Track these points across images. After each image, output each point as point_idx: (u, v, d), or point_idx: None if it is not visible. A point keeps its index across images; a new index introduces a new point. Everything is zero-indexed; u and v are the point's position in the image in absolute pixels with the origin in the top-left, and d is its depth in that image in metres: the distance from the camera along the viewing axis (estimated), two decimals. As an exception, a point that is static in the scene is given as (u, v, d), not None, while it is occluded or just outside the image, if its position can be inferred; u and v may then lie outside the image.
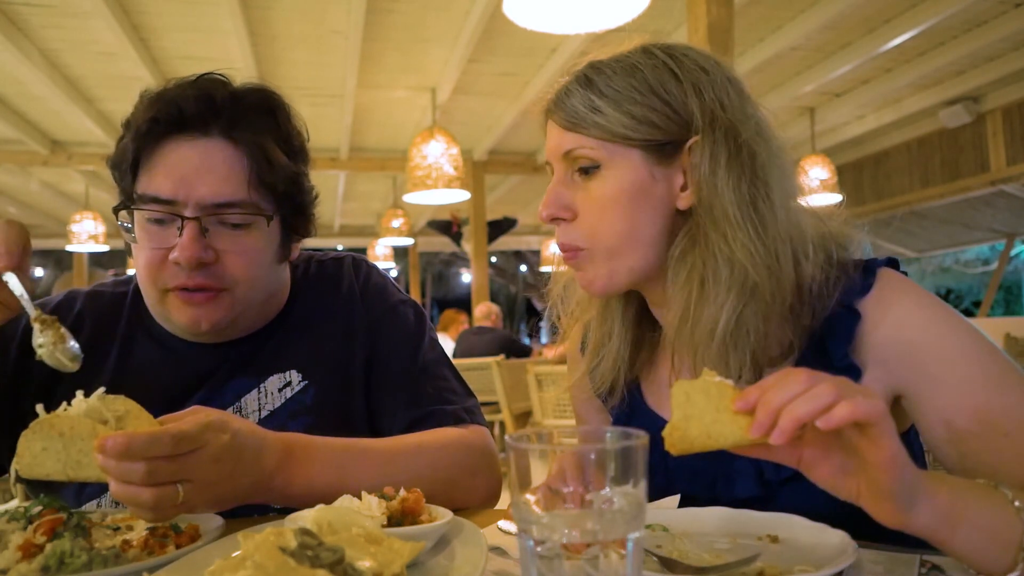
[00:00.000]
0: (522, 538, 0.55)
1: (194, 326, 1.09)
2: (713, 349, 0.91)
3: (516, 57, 5.13)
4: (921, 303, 0.89)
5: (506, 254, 19.04)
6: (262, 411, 1.16)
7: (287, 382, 1.18)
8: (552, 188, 0.99)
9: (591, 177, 0.96)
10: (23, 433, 0.81)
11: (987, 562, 0.70)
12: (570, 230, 0.98)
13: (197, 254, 1.04)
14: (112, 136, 6.38)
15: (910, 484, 0.66)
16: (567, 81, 1.00)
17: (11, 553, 0.74)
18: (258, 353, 1.19)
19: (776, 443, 0.64)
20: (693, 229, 0.94)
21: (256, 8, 4.27)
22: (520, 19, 2.72)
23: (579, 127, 0.95)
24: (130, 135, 1.10)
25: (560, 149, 0.98)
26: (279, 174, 1.11)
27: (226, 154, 1.08)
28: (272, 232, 1.13)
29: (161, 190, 1.06)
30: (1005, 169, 6.34)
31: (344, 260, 1.31)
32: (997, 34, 4.86)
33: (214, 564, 0.55)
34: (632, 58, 0.96)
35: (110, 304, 1.23)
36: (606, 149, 0.94)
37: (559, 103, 0.99)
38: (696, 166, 0.93)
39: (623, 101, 0.94)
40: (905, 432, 0.98)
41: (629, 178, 0.94)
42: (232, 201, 1.07)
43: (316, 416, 1.16)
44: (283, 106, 1.17)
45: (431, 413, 1.17)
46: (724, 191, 0.91)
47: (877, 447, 0.63)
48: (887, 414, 0.63)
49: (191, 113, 1.07)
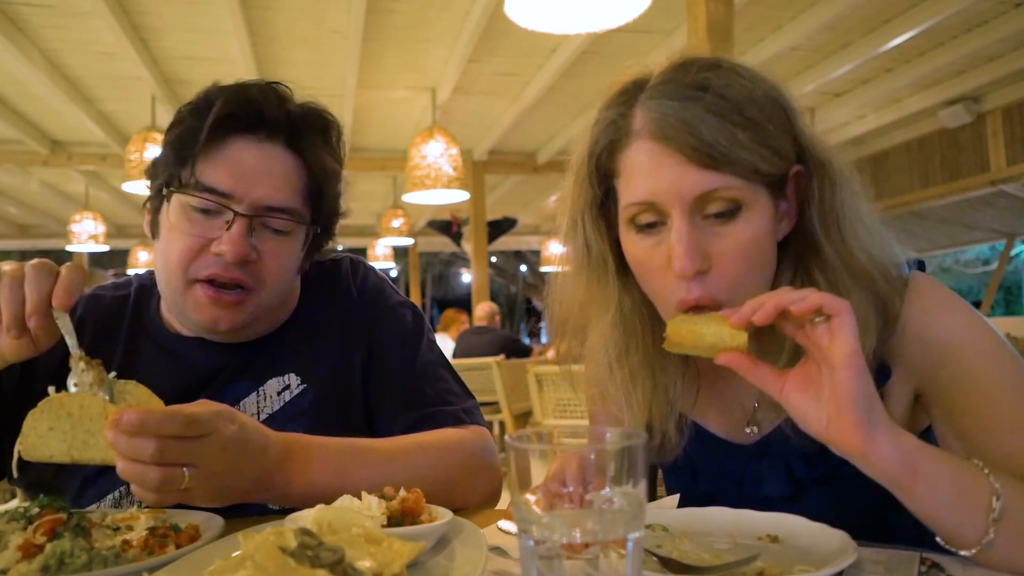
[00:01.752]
0: (522, 538, 0.55)
1: (212, 325, 1.10)
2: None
3: (516, 57, 5.13)
4: (947, 306, 0.91)
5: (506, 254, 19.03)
6: (260, 414, 1.16)
7: (286, 385, 1.18)
8: (689, 237, 0.83)
9: (729, 221, 0.84)
10: (30, 412, 0.82)
11: (956, 524, 0.71)
12: (709, 283, 0.85)
13: (244, 251, 1.06)
14: (112, 136, 6.39)
15: (870, 396, 0.71)
16: (676, 105, 0.84)
17: (11, 553, 0.74)
18: (257, 356, 1.20)
19: (758, 322, 0.72)
20: (796, 257, 0.91)
21: (256, 8, 4.27)
22: (520, 19, 2.72)
23: (720, 163, 0.81)
24: (200, 122, 1.08)
25: (693, 190, 0.83)
26: (329, 192, 1.17)
27: (287, 162, 1.12)
28: (302, 243, 1.16)
29: (221, 183, 1.07)
30: (1005, 169, 6.33)
31: (342, 262, 1.32)
32: (997, 34, 4.86)
33: (214, 564, 0.55)
34: (737, 80, 0.86)
35: (111, 308, 1.23)
36: (749, 188, 0.84)
37: (687, 131, 0.82)
38: (807, 192, 0.88)
39: (762, 132, 0.84)
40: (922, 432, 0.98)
41: (766, 217, 0.86)
42: (284, 207, 1.10)
43: (314, 419, 1.16)
44: (336, 126, 1.21)
45: (430, 415, 1.17)
46: (843, 208, 0.88)
47: (839, 340, 0.70)
48: (850, 311, 0.71)
49: (268, 116, 1.10)
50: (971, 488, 0.71)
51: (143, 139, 5.17)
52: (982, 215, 7.71)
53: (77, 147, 6.96)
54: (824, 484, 0.93)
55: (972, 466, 0.74)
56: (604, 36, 4.30)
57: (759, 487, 0.97)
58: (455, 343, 7.01)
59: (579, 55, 4.86)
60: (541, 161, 7.75)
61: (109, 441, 0.79)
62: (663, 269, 0.87)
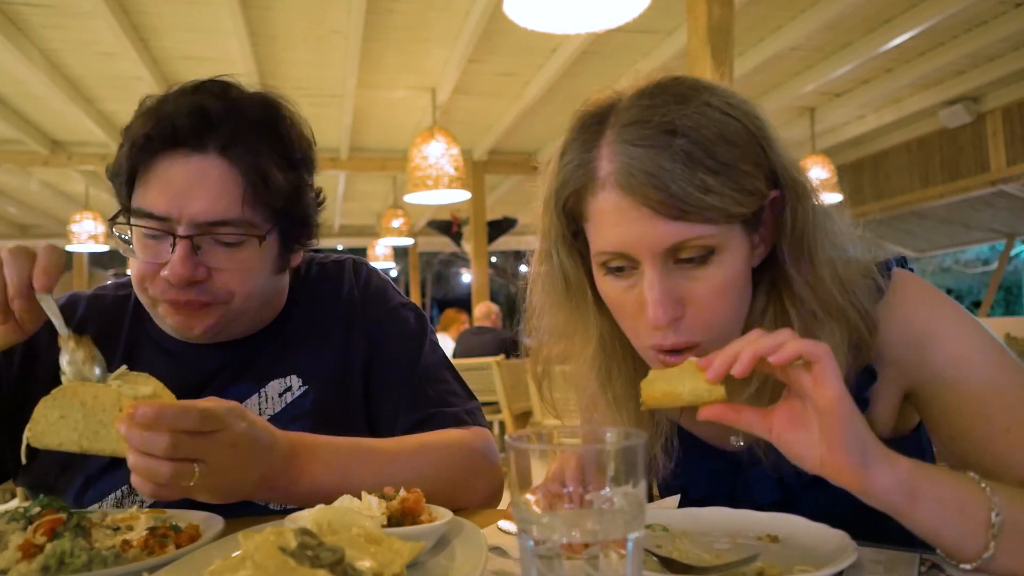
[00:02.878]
0: (522, 538, 0.55)
1: (186, 331, 1.09)
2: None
3: (516, 57, 5.13)
4: (929, 301, 0.91)
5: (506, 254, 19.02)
6: (262, 415, 1.15)
7: (287, 387, 1.18)
8: (661, 287, 0.82)
9: (702, 265, 0.83)
10: (42, 400, 0.82)
11: (956, 541, 0.71)
12: (684, 328, 0.84)
13: (187, 273, 1.02)
14: (112, 136, 6.39)
15: (860, 435, 0.69)
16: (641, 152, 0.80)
17: (11, 553, 0.74)
18: (258, 357, 1.19)
19: (737, 374, 0.69)
20: (771, 282, 0.90)
21: (256, 8, 4.27)
22: (520, 19, 2.72)
23: (691, 215, 0.79)
24: (127, 147, 1.07)
25: (664, 242, 0.81)
26: (275, 191, 1.08)
27: (220, 171, 1.04)
28: (268, 246, 1.10)
29: (155, 206, 1.03)
30: (1005, 169, 6.34)
31: (345, 263, 1.31)
32: (997, 34, 4.86)
33: (214, 564, 0.55)
34: (709, 115, 0.81)
35: (112, 308, 1.23)
36: (721, 233, 0.82)
37: (654, 184, 0.79)
38: (780, 218, 0.86)
39: (734, 175, 0.80)
40: (914, 429, 0.98)
41: (741, 256, 0.85)
42: (225, 219, 1.04)
43: (315, 420, 1.15)
44: (285, 115, 1.13)
45: (432, 415, 1.17)
46: (814, 234, 0.87)
47: (822, 386, 0.68)
48: (830, 354, 0.68)
49: (185, 129, 1.03)
50: (969, 504, 0.71)
51: (143, 139, 5.17)
52: (982, 215, 7.71)
53: (77, 147, 6.96)
54: (815, 489, 0.92)
55: (968, 481, 0.73)
56: (604, 36, 4.30)
57: (750, 494, 0.97)
58: (455, 343, 7.00)
59: (579, 55, 4.85)
60: (541, 161, 7.74)
61: (121, 433, 0.79)
62: (637, 313, 0.86)
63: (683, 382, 0.74)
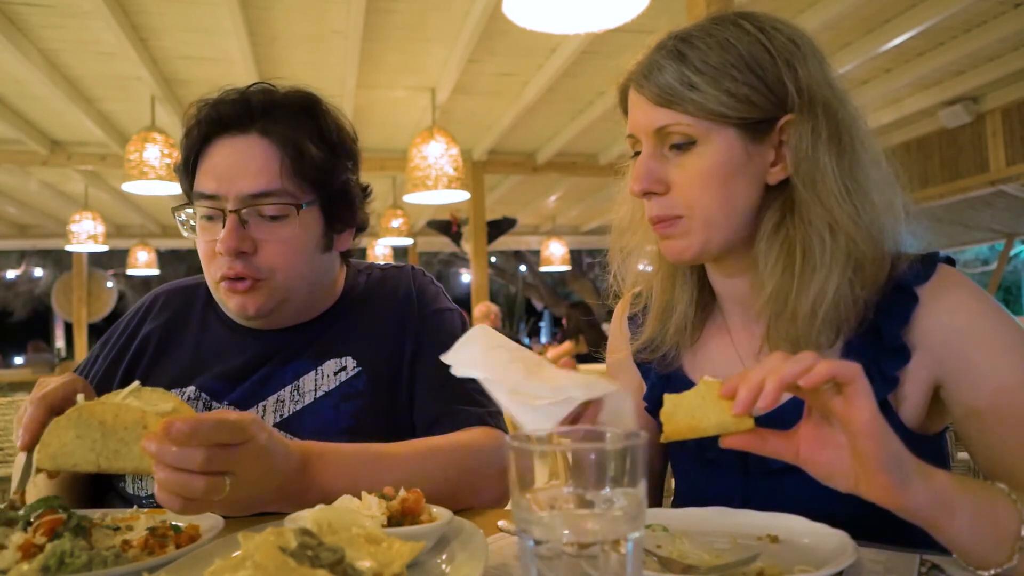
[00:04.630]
0: (522, 538, 0.55)
1: (242, 311, 1.19)
2: (818, 320, 0.92)
3: (516, 57, 5.13)
4: (974, 296, 0.92)
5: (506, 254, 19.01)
6: (318, 391, 1.23)
7: (342, 367, 1.25)
8: (644, 162, 0.97)
9: (685, 152, 0.95)
10: (54, 421, 0.82)
11: (983, 552, 0.71)
12: (666, 202, 0.97)
13: (235, 244, 1.14)
14: (112, 136, 6.39)
15: (896, 453, 0.68)
16: (653, 53, 0.97)
17: (11, 553, 0.74)
18: (319, 338, 1.28)
19: (763, 406, 0.67)
20: (786, 204, 0.95)
21: (256, 8, 4.27)
22: (520, 19, 2.72)
23: (673, 103, 0.93)
24: (184, 140, 1.22)
25: (652, 125, 0.96)
26: (310, 164, 1.19)
27: (260, 148, 1.17)
28: (310, 222, 1.21)
29: (207, 187, 1.17)
30: (1004, 169, 6.33)
31: (405, 268, 1.44)
32: (997, 34, 4.85)
33: (214, 564, 0.55)
34: (724, 32, 0.94)
35: (186, 293, 1.38)
36: (701, 126, 0.93)
37: (649, 77, 0.95)
38: (793, 143, 0.93)
39: (720, 78, 0.92)
40: (938, 434, 0.99)
41: (725, 155, 0.94)
42: (266, 191, 1.16)
43: (366, 400, 1.23)
44: (322, 107, 1.26)
45: (458, 411, 1.22)
46: (827, 166, 0.92)
47: (856, 408, 0.66)
48: (862, 375, 0.66)
49: (229, 115, 1.18)
50: (1001, 519, 0.71)
51: (143, 139, 5.16)
52: (981, 215, 7.70)
53: (77, 147, 6.95)
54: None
55: (999, 492, 0.73)
56: (604, 36, 4.29)
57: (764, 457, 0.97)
58: (455, 343, 6.99)
59: (579, 55, 4.85)
60: (541, 161, 7.74)
61: (149, 452, 0.78)
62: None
63: (707, 415, 0.71)
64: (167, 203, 8.76)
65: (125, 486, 1.18)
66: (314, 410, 1.21)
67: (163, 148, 5.19)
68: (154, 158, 5.15)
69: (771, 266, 0.95)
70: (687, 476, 1.13)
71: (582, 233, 12.16)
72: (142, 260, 10.62)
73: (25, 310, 19.07)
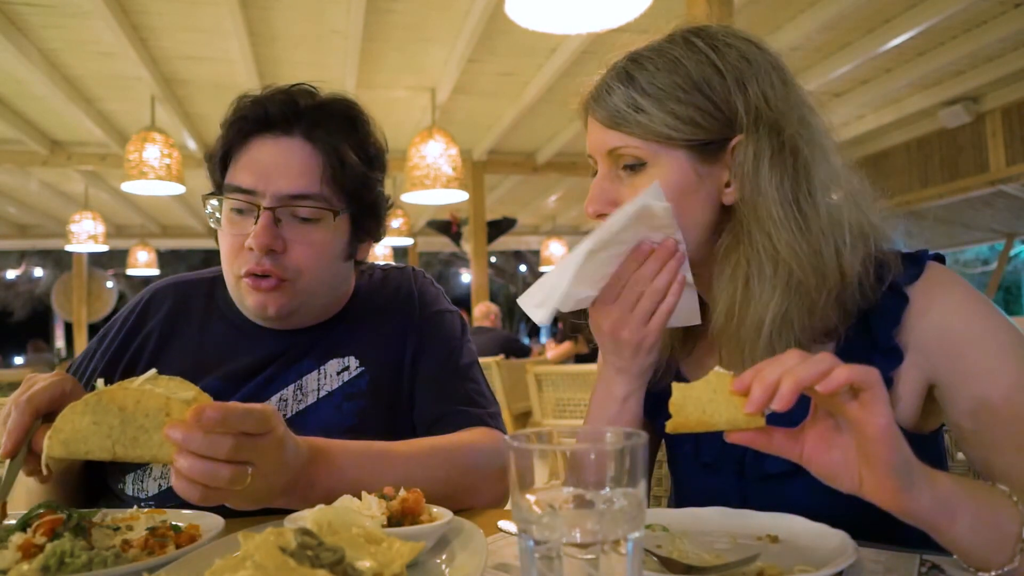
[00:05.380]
0: (522, 538, 0.55)
1: (261, 310, 1.19)
2: (760, 344, 0.92)
3: (516, 57, 5.13)
4: (966, 295, 0.91)
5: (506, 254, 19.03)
6: (320, 391, 1.23)
7: (345, 366, 1.26)
8: (598, 184, 0.98)
9: (637, 174, 0.95)
10: (69, 406, 0.79)
11: (985, 554, 0.70)
12: None
13: (268, 241, 1.14)
14: (112, 136, 6.39)
15: (906, 459, 0.67)
16: (606, 76, 0.98)
17: (11, 553, 0.74)
18: (322, 339, 1.28)
19: (778, 408, 0.66)
20: (737, 226, 0.94)
21: (256, 8, 4.27)
22: (520, 19, 2.72)
23: (622, 126, 0.94)
24: (224, 131, 1.22)
25: (604, 147, 0.97)
26: (350, 174, 1.21)
27: (304, 152, 1.18)
28: (340, 229, 1.22)
29: (244, 181, 1.17)
30: (1004, 169, 6.33)
31: (405, 269, 1.44)
32: (997, 34, 4.86)
33: (214, 564, 0.55)
34: (674, 51, 0.94)
35: (189, 288, 1.36)
36: (650, 148, 0.94)
37: (599, 100, 0.97)
38: (740, 165, 0.92)
39: (666, 99, 0.92)
40: (934, 432, 0.98)
41: (675, 177, 0.93)
42: (305, 194, 1.17)
43: (368, 400, 1.23)
44: (363, 117, 1.28)
45: (458, 412, 1.23)
46: (768, 190, 0.91)
47: (872, 414, 0.65)
48: (881, 381, 0.66)
49: (275, 114, 1.19)
50: (1002, 521, 0.71)
51: (142, 139, 5.17)
52: (981, 215, 7.70)
53: (77, 147, 6.95)
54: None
55: (1000, 494, 0.73)
56: (604, 36, 4.29)
57: (760, 462, 0.97)
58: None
59: (579, 55, 4.86)
60: (541, 161, 7.75)
61: (174, 439, 0.76)
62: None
63: (718, 410, 0.70)
64: (167, 203, 8.77)
65: (124, 488, 1.17)
66: (317, 410, 1.21)
67: (163, 148, 5.20)
68: (154, 158, 5.15)
69: (721, 290, 0.95)
70: (684, 479, 1.13)
71: (582, 233, 12.11)
72: (142, 260, 10.62)
73: (25, 310, 19.09)
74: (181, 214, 9.80)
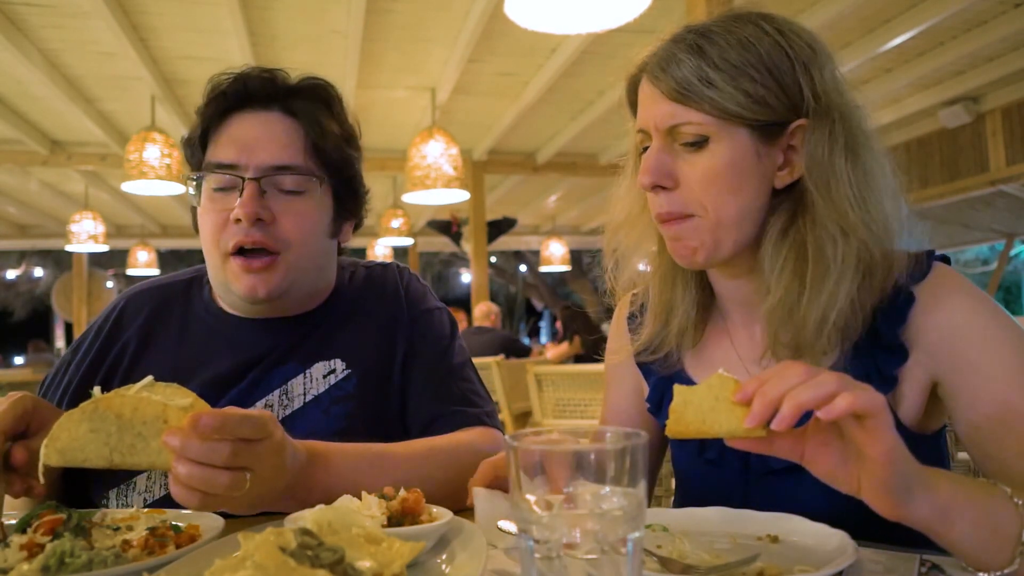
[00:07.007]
0: (522, 538, 0.55)
1: (251, 293, 1.16)
2: (828, 326, 0.90)
3: (516, 57, 5.13)
4: (972, 296, 0.92)
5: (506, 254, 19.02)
6: (307, 395, 1.21)
7: (331, 369, 1.24)
8: (655, 156, 0.95)
9: (697, 150, 0.93)
10: (66, 414, 0.79)
11: (984, 556, 0.70)
12: (676, 198, 0.95)
13: (255, 210, 1.13)
14: (112, 136, 6.39)
15: (907, 478, 0.67)
16: (671, 46, 0.94)
17: (12, 553, 0.74)
18: (305, 341, 1.25)
19: (778, 429, 0.66)
20: (798, 207, 0.94)
21: (256, 8, 4.27)
22: (520, 19, 2.72)
23: (689, 99, 0.91)
24: (203, 109, 1.22)
25: (665, 120, 0.94)
26: (331, 144, 1.22)
27: (285, 125, 1.20)
28: (324, 201, 1.23)
29: (226, 156, 1.17)
30: (1004, 169, 6.33)
31: (389, 266, 1.41)
32: (997, 34, 4.86)
33: (214, 564, 0.55)
34: (744, 30, 0.93)
35: (168, 291, 1.34)
36: (716, 124, 0.92)
37: (666, 69, 0.93)
38: (807, 148, 0.92)
39: (739, 76, 0.90)
40: (936, 432, 0.99)
41: (737, 155, 0.93)
42: (289, 165, 1.17)
43: (356, 403, 1.21)
44: (338, 99, 1.29)
45: (454, 412, 1.23)
46: (842, 171, 0.91)
47: (875, 439, 0.65)
48: (886, 407, 0.65)
49: (255, 88, 1.20)
50: (1002, 523, 0.71)
51: (143, 139, 5.16)
52: (981, 215, 7.70)
53: (77, 147, 6.95)
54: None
55: (1002, 496, 0.73)
56: (604, 36, 4.29)
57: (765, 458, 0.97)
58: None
59: (579, 55, 4.85)
60: (541, 161, 7.74)
61: (171, 446, 0.76)
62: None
63: (718, 420, 0.70)
64: (167, 203, 8.77)
65: (108, 503, 1.15)
66: (304, 415, 1.19)
67: (163, 148, 5.19)
68: (154, 158, 5.15)
69: (779, 270, 0.94)
70: (687, 475, 1.13)
71: (582, 233, 12.16)
72: (142, 260, 10.62)
73: (25, 310, 19.08)
74: (181, 214, 9.79)
